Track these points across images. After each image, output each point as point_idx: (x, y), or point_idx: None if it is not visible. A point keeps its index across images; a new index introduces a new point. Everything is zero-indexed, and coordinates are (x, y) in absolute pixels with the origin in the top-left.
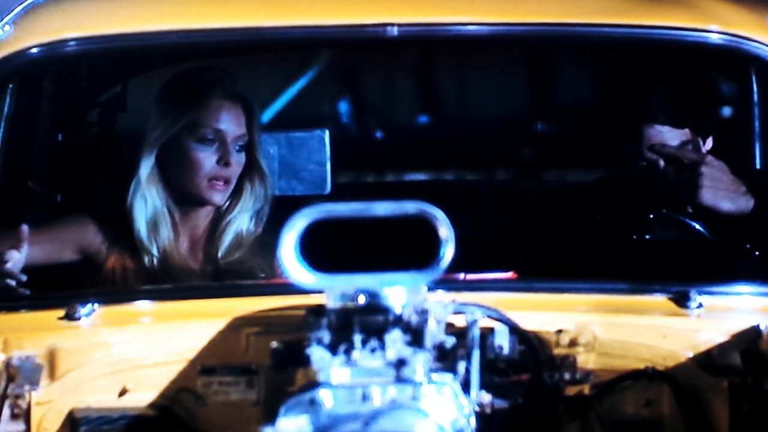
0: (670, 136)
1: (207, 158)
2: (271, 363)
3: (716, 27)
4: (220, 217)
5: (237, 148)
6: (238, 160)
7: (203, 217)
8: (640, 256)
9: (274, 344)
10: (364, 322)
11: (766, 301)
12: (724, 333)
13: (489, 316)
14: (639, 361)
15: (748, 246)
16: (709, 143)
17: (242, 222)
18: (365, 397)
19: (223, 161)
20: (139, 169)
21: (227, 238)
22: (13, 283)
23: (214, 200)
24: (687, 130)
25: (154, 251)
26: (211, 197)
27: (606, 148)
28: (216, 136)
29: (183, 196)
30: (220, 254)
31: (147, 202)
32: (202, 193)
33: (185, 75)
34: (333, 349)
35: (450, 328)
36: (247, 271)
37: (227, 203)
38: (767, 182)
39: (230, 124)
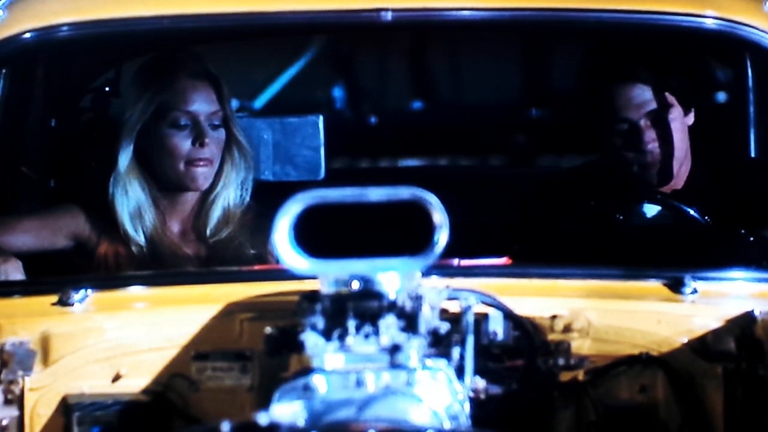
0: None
1: (181, 142)
2: (265, 349)
3: (712, 12)
4: (206, 196)
5: (212, 125)
6: (216, 138)
7: (189, 199)
8: (635, 242)
9: (268, 330)
10: (358, 308)
11: (761, 287)
12: (718, 318)
13: (483, 302)
14: (633, 347)
15: (742, 231)
16: (691, 118)
17: (228, 197)
18: (359, 383)
19: (198, 142)
20: (117, 161)
21: (215, 215)
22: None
23: (197, 183)
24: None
25: (141, 240)
26: (192, 181)
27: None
28: (188, 118)
29: (166, 182)
30: (209, 232)
31: (128, 194)
32: (182, 177)
33: (152, 60)
34: (327, 334)
35: (444, 314)
36: (236, 247)
37: (212, 181)
38: (762, 167)
39: (201, 103)
